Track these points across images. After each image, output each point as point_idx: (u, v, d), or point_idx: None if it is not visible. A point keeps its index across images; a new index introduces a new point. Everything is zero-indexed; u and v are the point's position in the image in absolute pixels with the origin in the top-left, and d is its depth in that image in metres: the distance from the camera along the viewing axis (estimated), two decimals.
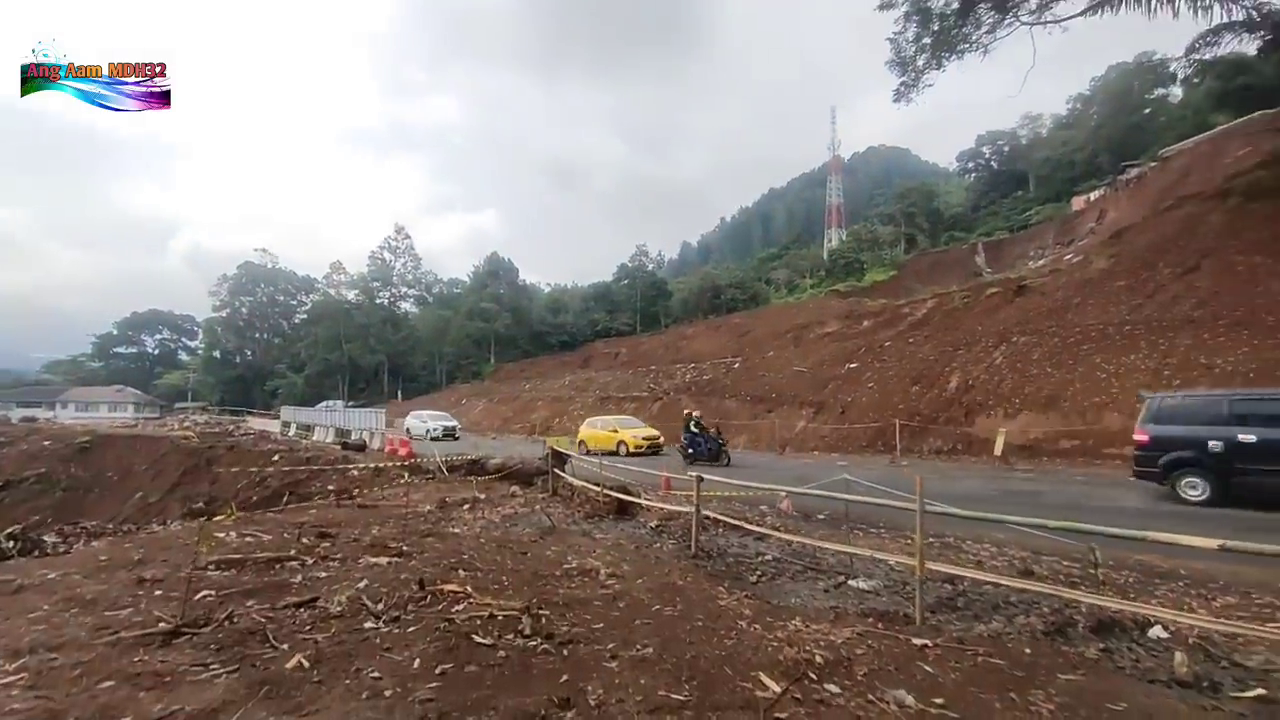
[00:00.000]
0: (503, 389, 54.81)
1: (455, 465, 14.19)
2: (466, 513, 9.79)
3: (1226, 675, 3.72)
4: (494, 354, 75.70)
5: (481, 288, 79.57)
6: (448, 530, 8.23)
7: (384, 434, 24.10)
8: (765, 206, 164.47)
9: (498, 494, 11.57)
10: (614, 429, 21.89)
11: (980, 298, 28.69)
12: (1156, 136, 51.53)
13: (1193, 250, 21.21)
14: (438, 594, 5.08)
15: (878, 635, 4.26)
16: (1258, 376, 13.57)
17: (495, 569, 6.09)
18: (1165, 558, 6.26)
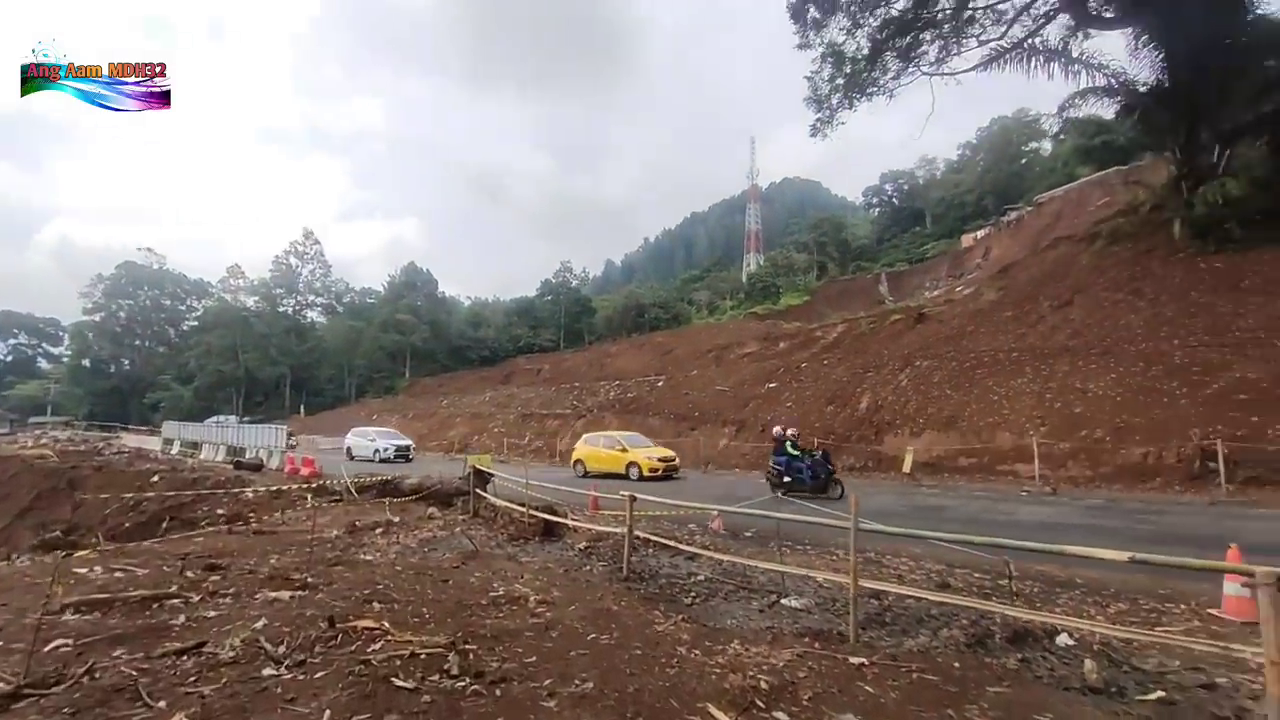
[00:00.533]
0: (418, 404, 52.39)
1: (366, 486, 13.23)
2: (380, 537, 9.10)
3: (1129, 679, 3.99)
4: (409, 368, 72.43)
5: (397, 298, 76.18)
6: (359, 558, 7.59)
7: (284, 452, 22.22)
8: (688, 229, 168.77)
9: (414, 516, 10.86)
10: (621, 447, 18.96)
11: (885, 324, 30.62)
12: (1032, 184, 57.62)
13: (1067, 286, 23.66)
14: (350, 632, 4.60)
15: (816, 656, 4.26)
16: (1122, 399, 15.21)
17: (415, 600, 5.63)
18: (1062, 568, 6.75)
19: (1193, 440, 13.00)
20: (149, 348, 78.56)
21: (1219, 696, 3.67)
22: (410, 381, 68.60)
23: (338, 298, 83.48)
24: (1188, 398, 14.24)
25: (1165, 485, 12.81)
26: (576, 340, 73.86)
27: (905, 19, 25.11)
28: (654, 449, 19.13)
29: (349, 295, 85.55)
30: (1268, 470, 11.79)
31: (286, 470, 19.52)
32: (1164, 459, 13.34)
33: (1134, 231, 24.28)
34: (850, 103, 27.50)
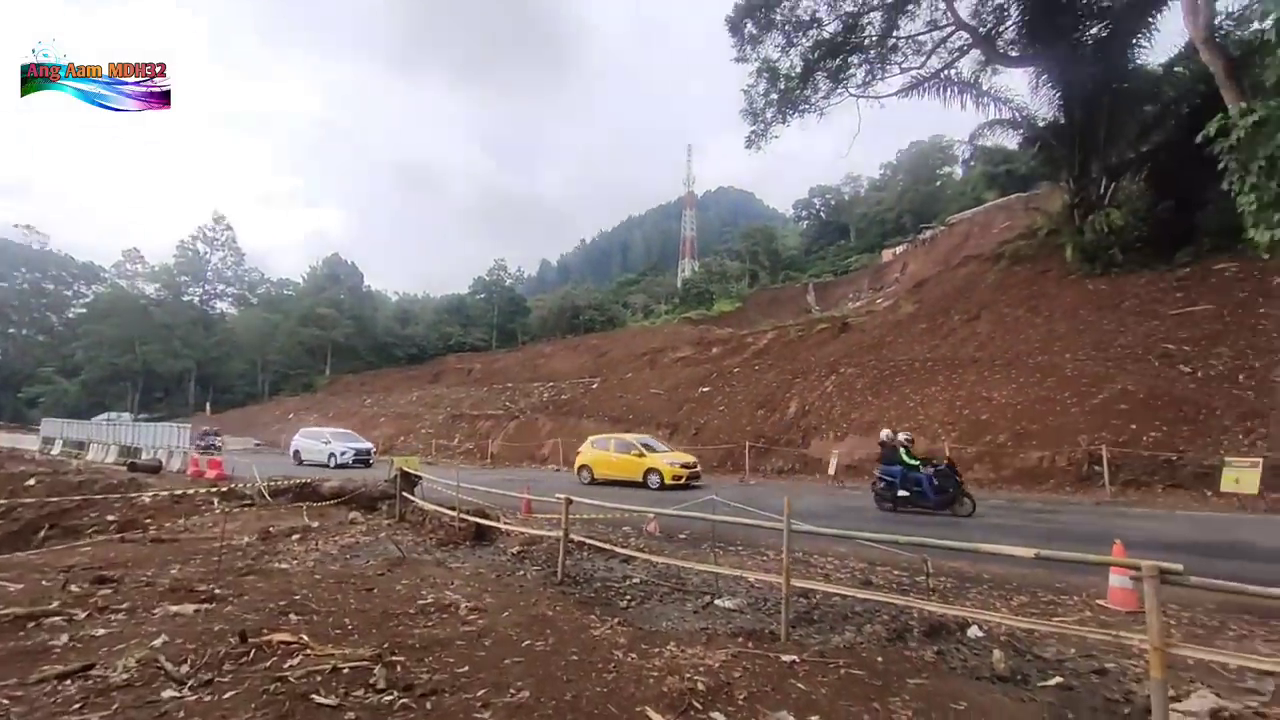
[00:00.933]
0: (339, 403, 49.74)
1: (281, 489, 12.40)
2: (297, 544, 8.56)
3: (1032, 667, 4.32)
4: (330, 364, 68.68)
5: (319, 291, 72.05)
6: (274, 566, 7.10)
7: (188, 453, 20.53)
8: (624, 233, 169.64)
9: (334, 521, 10.29)
10: (639, 451, 16.91)
11: (813, 332, 31.90)
12: (945, 205, 61.80)
13: (974, 302, 25.47)
14: (264, 647, 4.30)
15: (750, 655, 4.35)
16: (1022, 407, 16.51)
17: (336, 610, 5.33)
18: (972, 564, 7.23)
19: (1081, 446, 14.29)
20: (26, 336, 70.58)
21: (1109, 681, 4.04)
22: (331, 379, 65.06)
23: (251, 288, 78.09)
24: (1077, 407, 15.62)
25: (1058, 486, 14.00)
26: (510, 340, 72.52)
27: (835, 42, 26.32)
28: (674, 454, 17.48)
29: (264, 286, 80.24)
30: (1144, 473, 13.13)
31: (190, 472, 18.05)
32: (1057, 463, 14.57)
33: (1032, 254, 26.44)
34: (784, 118, 28.50)
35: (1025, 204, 40.68)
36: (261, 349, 69.26)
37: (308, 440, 25.55)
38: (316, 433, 26.56)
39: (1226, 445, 12.50)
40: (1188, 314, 17.53)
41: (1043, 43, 22.97)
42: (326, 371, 67.83)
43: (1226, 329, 16.11)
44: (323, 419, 45.15)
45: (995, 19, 25.17)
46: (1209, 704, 3.43)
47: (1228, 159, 11.28)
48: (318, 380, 65.67)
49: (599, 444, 18.28)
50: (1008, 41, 25.31)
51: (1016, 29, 24.63)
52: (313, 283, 75.55)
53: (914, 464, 11.49)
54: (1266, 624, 5.15)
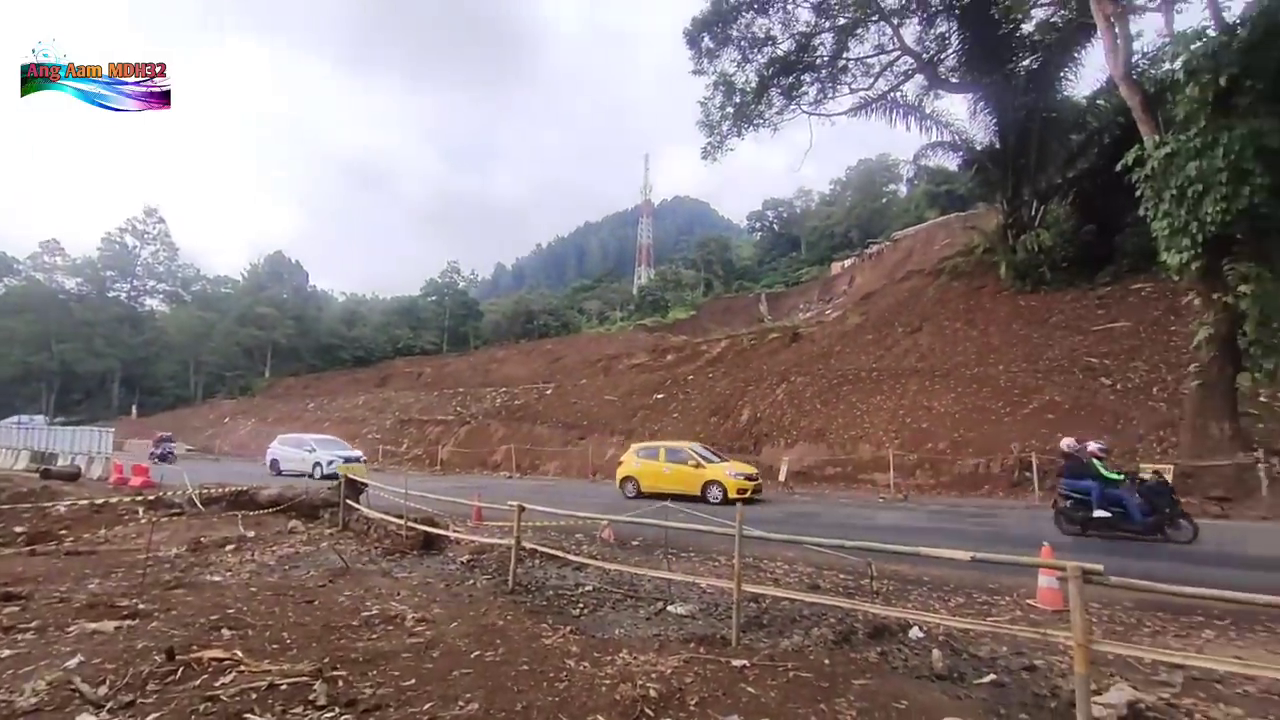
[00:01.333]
0: (279, 407, 47.56)
1: (214, 497, 11.74)
2: (231, 555, 8.12)
3: (968, 665, 4.51)
4: (270, 366, 65.61)
5: (259, 289, 68.77)
6: (205, 579, 6.73)
7: (110, 459, 19.21)
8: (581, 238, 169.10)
9: (272, 531, 9.82)
10: (695, 462, 15.10)
11: (765, 341, 32.58)
12: (891, 221, 64.26)
13: (917, 315, 26.56)
14: (193, 664, 4.08)
15: (702, 661, 4.39)
16: (960, 416, 17.30)
17: (273, 624, 5.10)
18: (912, 567, 7.51)
19: (1013, 453, 15.08)
20: None
21: (1038, 677, 4.26)
22: (271, 381, 62.11)
23: (185, 285, 73.80)
24: (1010, 416, 16.49)
25: (992, 491, 14.72)
26: (462, 344, 71.05)
27: (789, 60, 27.12)
28: (733, 463, 15.54)
29: (200, 283, 75.96)
30: None
31: (112, 480, 16.90)
32: (991, 469, 15.32)
33: (970, 270, 27.82)
34: (739, 131, 29.11)
35: (964, 223, 42.79)
36: (195, 349, 65.51)
37: (288, 449, 22.94)
38: (298, 440, 23.79)
39: (1142, 452, 13.43)
40: (1108, 330, 18.79)
41: (980, 71, 24.31)
42: (266, 373, 64.77)
43: (1142, 344, 17.35)
44: (261, 423, 43.12)
45: (938, 46, 26.50)
46: (1126, 696, 3.66)
47: (1144, 187, 12.18)
48: (256, 383, 62.61)
49: (646, 453, 16.26)
50: (949, 68, 26.68)
51: (957, 57, 26.01)
52: (253, 281, 72.10)
53: (1116, 478, 9.51)
54: (1177, 620, 5.55)
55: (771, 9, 26.26)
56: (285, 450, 22.88)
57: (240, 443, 39.93)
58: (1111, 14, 13.36)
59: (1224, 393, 11.93)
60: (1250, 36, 10.36)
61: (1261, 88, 10.59)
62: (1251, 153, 10.34)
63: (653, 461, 15.72)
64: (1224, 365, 11.82)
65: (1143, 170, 12.10)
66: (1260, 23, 10.27)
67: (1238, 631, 5.20)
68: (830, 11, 26.18)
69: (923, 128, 27.46)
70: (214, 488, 12.37)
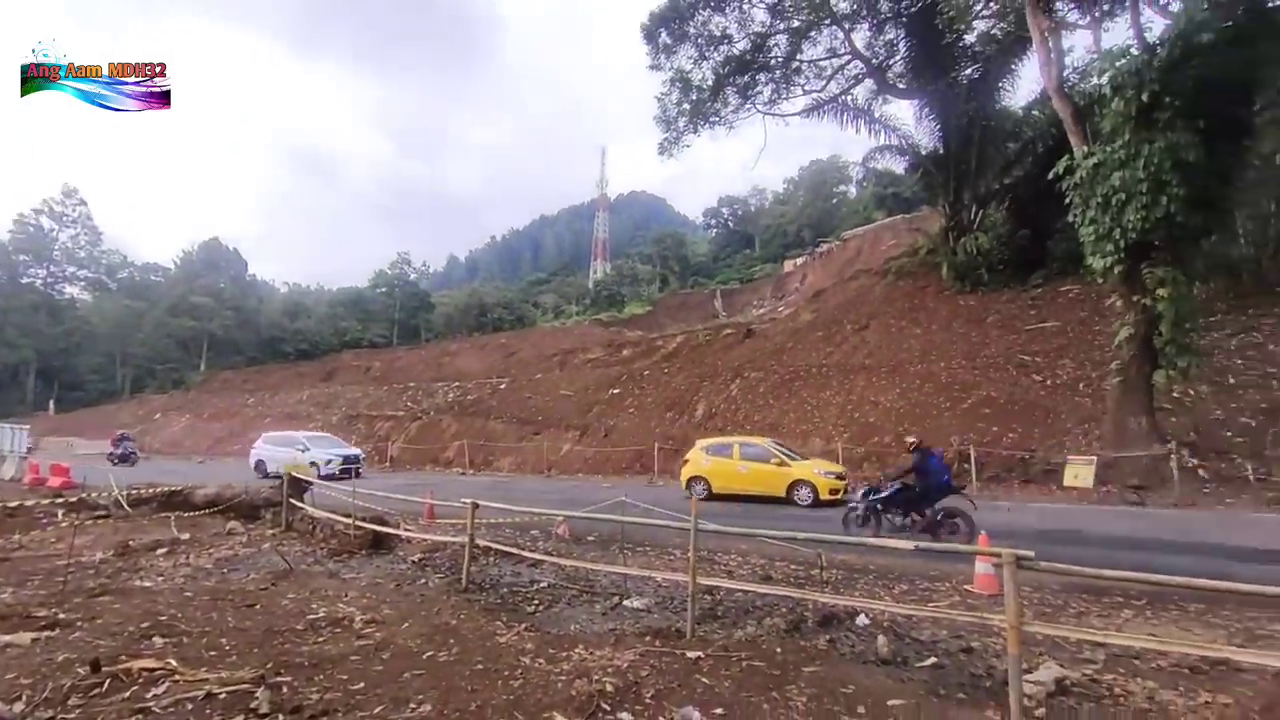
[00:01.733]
0: (216, 402, 45.25)
1: (144, 498, 11.07)
2: (163, 559, 7.69)
3: (910, 650, 4.72)
4: (205, 359, 62.27)
5: (194, 278, 65.12)
6: (134, 585, 6.36)
7: (24, 458, 17.86)
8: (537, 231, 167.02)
9: (209, 533, 9.34)
10: (779, 460, 13.42)
11: (719, 337, 32.99)
12: (841, 221, 66.12)
13: (864, 313, 27.41)
14: (122, 676, 3.86)
15: (657, 653, 4.44)
16: (904, 411, 17.98)
17: (211, 630, 4.87)
18: (859, 556, 7.79)
19: (954, 446, 15.77)
20: None
21: (975, 658, 4.49)
22: (207, 375, 58.94)
23: (110, 272, 69.12)
24: (950, 410, 17.25)
25: None
26: (413, 337, 69.28)
27: (744, 59, 27.45)
28: (819, 461, 14.17)
29: (127, 270, 71.33)
30: (1003, 470, 14.74)
31: (28, 480, 15.73)
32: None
33: (914, 270, 28.89)
34: (695, 128, 29.29)
35: (909, 224, 44.42)
36: (122, 340, 61.54)
37: (275, 448, 20.62)
38: (287, 438, 21.50)
39: (1069, 445, 14.28)
40: (1040, 329, 19.87)
41: (926, 78, 25.21)
42: (202, 367, 61.46)
43: (1070, 343, 18.41)
44: (197, 419, 41.03)
45: (886, 53, 27.33)
46: (1054, 674, 3.91)
47: (1073, 195, 12.92)
48: (190, 377, 59.30)
49: (717, 450, 14.44)
50: (897, 74, 27.55)
51: (904, 63, 26.88)
52: (187, 269, 68.25)
53: None
54: (1099, 601, 5.94)
55: (728, 7, 26.53)
56: (272, 450, 20.57)
57: (173, 440, 37.90)
58: (1046, 29, 14.08)
59: (1142, 389, 12.80)
60: (1169, 57, 11.11)
61: (1179, 105, 11.38)
62: (1169, 165, 11.11)
63: (725, 459, 14.02)
64: (1142, 363, 12.67)
65: (1072, 179, 12.83)
66: (1178, 45, 11.02)
67: (1152, 611, 5.61)
68: (784, 13, 26.64)
69: (872, 131, 28.30)
70: (144, 488, 11.67)
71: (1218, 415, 13.96)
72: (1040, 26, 13.98)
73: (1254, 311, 16.65)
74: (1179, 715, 3.47)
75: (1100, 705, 3.65)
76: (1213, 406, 14.25)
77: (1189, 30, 10.84)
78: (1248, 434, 13.13)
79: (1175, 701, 3.65)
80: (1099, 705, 3.65)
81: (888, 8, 25.58)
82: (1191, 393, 14.61)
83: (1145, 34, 13.15)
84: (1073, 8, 16.89)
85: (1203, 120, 11.48)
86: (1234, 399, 14.23)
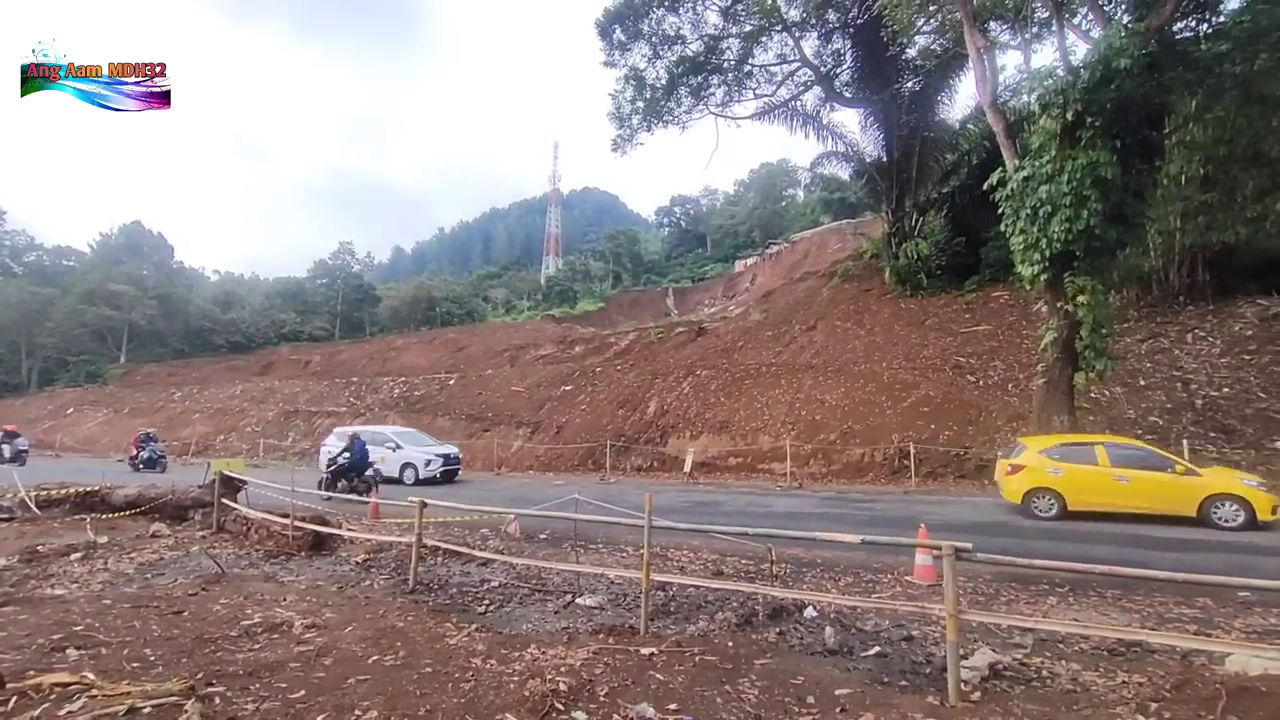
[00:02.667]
0: (138, 397, 42.32)
1: (55, 499, 10.24)
2: (78, 565, 7.14)
3: (856, 640, 4.89)
4: (126, 351, 58.09)
5: (114, 264, 60.50)
6: (43, 593, 5.89)
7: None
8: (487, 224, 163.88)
9: (131, 536, 8.74)
10: (1181, 467, 10.00)
11: (671, 335, 33.25)
12: (789, 223, 67.80)
13: (812, 313, 28.19)
14: (30, 693, 3.56)
15: (611, 651, 4.44)
16: (849, 409, 18.60)
17: (133, 640, 4.57)
18: (806, 550, 8.00)
19: (894, 443, 16.44)
20: None
21: (915, 646, 4.70)
22: (128, 368, 54.99)
23: (14, 255, 63.57)
24: (891, 409, 17.95)
25: (876, 479, 15.97)
26: (356, 330, 66.73)
27: (697, 60, 27.73)
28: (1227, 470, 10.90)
29: (34, 253, 65.74)
30: (940, 465, 15.46)
31: None
32: (875, 458, 16.61)
33: (859, 273, 29.91)
34: (649, 126, 29.37)
35: (854, 229, 45.90)
36: (28, 329, 56.64)
37: (331, 443, 17.37)
38: (374, 433, 17.54)
39: (999, 442, 15.11)
40: (973, 332, 20.93)
41: (870, 88, 26.12)
42: (122, 359, 57.30)
43: (1001, 346, 19.47)
44: (116, 415, 38.33)
45: (834, 62, 28.13)
46: (988, 659, 4.13)
47: (1005, 206, 13.64)
48: (109, 370, 55.22)
49: (1068, 453, 10.74)
50: (843, 83, 28.41)
51: (850, 73, 27.77)
52: (104, 253, 63.31)
53: None
54: (1027, 589, 6.32)
55: (681, 8, 26.73)
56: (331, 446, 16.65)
57: (89, 437, 35.30)
58: (981, 47, 14.80)
59: (1064, 390, 13.65)
60: (1091, 79, 11.87)
61: (1099, 124, 12.18)
62: (1090, 181, 11.88)
63: (1086, 466, 10.44)
64: (1064, 366, 13.51)
65: (1004, 190, 13.55)
66: (1099, 68, 11.79)
67: (1074, 597, 6.00)
68: (736, 17, 27.03)
69: (820, 137, 29.17)
70: (54, 488, 10.80)
71: (1130, 414, 15.07)
72: (976, 44, 14.68)
73: (1161, 319, 18.05)
74: (1100, 694, 3.73)
75: (1030, 687, 3.88)
76: (1125, 406, 15.37)
77: (1108, 55, 11.61)
78: (1156, 431, 14.23)
79: (1096, 682, 3.92)
80: (1029, 687, 3.88)
81: (835, 18, 26.33)
82: (1107, 393, 15.72)
83: (1070, 56, 14.02)
84: (1005, 28, 17.85)
85: (1120, 140, 12.35)
86: (1144, 399, 15.40)
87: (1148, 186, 13.55)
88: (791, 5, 26.03)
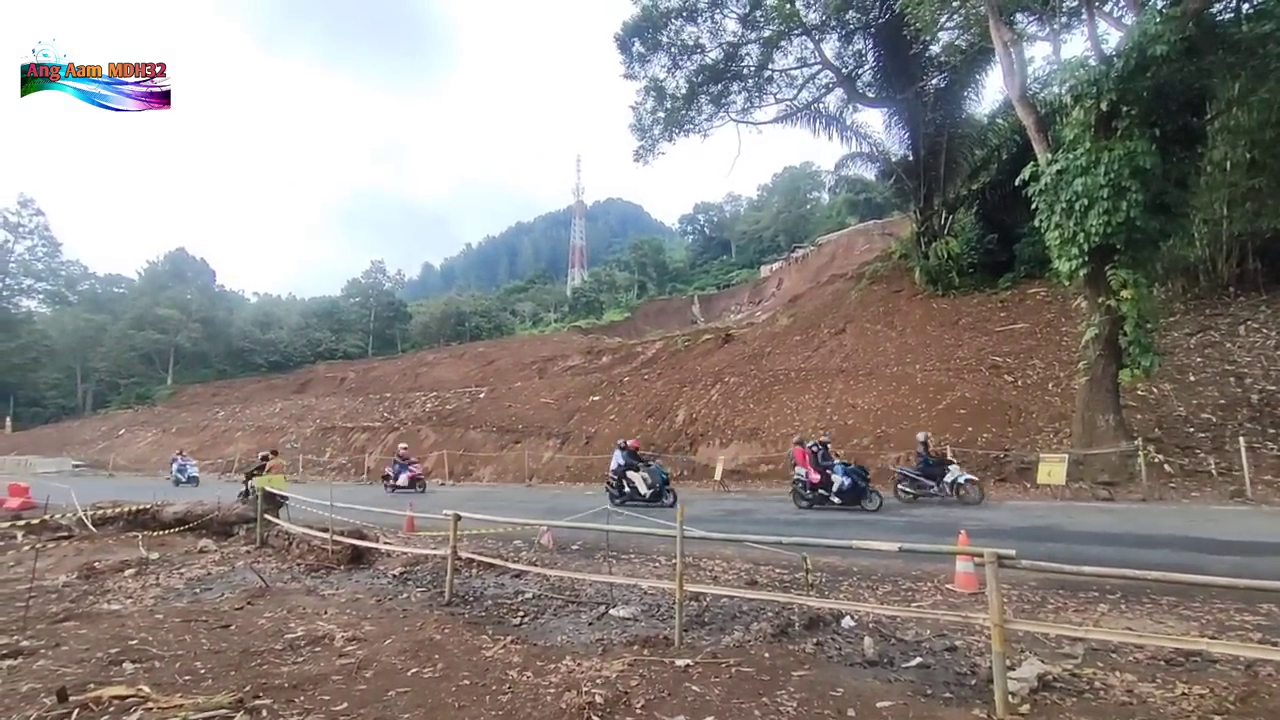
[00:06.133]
0: (185, 416, 43.99)
1: (109, 517, 10.69)
2: (131, 580, 7.43)
3: (896, 650, 4.76)
4: (173, 373, 60.54)
5: (160, 290, 63.26)
6: (101, 608, 6.13)
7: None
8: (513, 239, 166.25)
9: (180, 552, 9.07)
10: None
11: (698, 342, 33.15)
12: (815, 226, 67.14)
13: (841, 317, 27.81)
14: (91, 705, 3.71)
15: (646, 663, 4.42)
16: (882, 413, 18.24)
17: (185, 654, 4.72)
18: (842, 559, 7.85)
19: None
20: None
21: (959, 657, 4.55)
22: (175, 389, 57.28)
23: (70, 284, 66.87)
24: (926, 411, 17.54)
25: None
26: (388, 347, 68.30)
27: (717, 68, 27.79)
28: None
29: (88, 282, 69.14)
30: (979, 469, 14.96)
31: None
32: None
33: (888, 274, 29.44)
34: (670, 136, 29.52)
35: (881, 229, 45.27)
36: (83, 355, 59.50)
37: None
38: None
39: (1040, 443, 14.64)
40: (1009, 331, 20.36)
41: (894, 88, 25.79)
42: (169, 380, 59.72)
43: (1039, 344, 18.90)
44: (163, 436, 39.84)
45: (855, 62, 27.89)
46: (1037, 670, 3.99)
47: (1038, 200, 13.29)
48: (157, 391, 57.58)
49: None
50: (866, 84, 28.13)
51: (873, 73, 27.49)
52: (151, 280, 66.26)
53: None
54: (1075, 596, 6.08)
55: (700, 18, 26.84)
56: None
57: (139, 456, 36.72)
58: (1008, 40, 14.49)
59: (1108, 388, 13.17)
60: (1125, 67, 11.51)
61: (1136, 113, 11.81)
62: (1128, 172, 11.50)
63: None
64: (1108, 363, 13.04)
65: (1037, 185, 13.20)
66: (1133, 56, 11.43)
67: (1127, 604, 5.75)
68: (755, 23, 27.01)
69: (843, 138, 28.90)
70: (109, 506, 11.27)
71: (1180, 412, 14.43)
72: (1002, 38, 14.39)
73: (1210, 311, 17.29)
74: (1158, 707, 3.56)
75: (1082, 699, 3.73)
76: (1175, 403, 14.73)
77: (1143, 42, 11.25)
78: (1209, 429, 13.60)
79: (1154, 694, 3.74)
80: (1081, 699, 3.73)
81: (856, 19, 26.10)
82: (1155, 390, 15.10)
83: (1102, 45, 13.63)
84: (1032, 20, 17.44)
85: (1159, 128, 11.94)
86: (1195, 395, 14.74)
87: (1190, 174, 13.07)
88: (811, 8, 25.93)
